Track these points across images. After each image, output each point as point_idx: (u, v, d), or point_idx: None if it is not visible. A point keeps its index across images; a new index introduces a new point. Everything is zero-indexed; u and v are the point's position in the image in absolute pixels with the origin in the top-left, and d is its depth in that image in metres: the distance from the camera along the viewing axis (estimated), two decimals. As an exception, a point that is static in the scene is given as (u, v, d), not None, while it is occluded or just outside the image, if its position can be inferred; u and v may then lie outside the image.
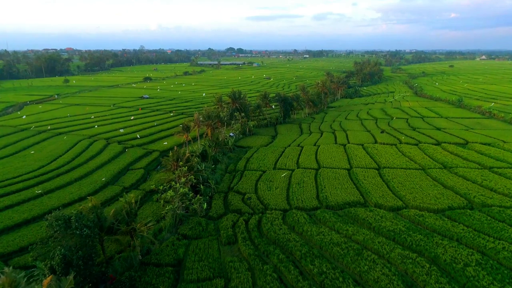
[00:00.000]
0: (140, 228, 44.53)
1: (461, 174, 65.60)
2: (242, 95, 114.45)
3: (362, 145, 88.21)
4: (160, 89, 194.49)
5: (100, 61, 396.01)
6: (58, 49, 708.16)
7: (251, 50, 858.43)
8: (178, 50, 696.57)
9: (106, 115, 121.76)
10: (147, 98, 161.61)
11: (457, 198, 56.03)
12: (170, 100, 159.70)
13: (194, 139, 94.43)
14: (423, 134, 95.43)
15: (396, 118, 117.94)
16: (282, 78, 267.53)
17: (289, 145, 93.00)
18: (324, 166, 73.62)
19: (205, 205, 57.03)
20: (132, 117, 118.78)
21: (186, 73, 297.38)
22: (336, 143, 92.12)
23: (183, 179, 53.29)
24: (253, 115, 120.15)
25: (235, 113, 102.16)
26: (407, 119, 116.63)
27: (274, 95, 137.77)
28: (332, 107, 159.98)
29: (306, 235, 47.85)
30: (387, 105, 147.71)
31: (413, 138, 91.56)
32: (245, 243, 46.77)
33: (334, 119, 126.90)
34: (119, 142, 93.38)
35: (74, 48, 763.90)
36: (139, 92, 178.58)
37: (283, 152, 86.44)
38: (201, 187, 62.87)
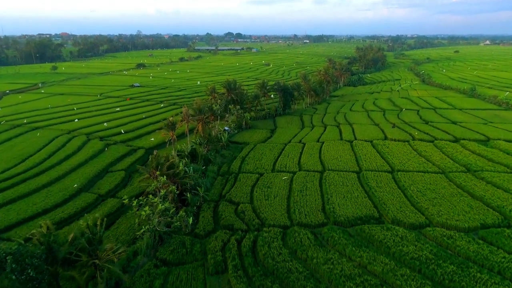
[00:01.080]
0: (106, 257, 35.75)
1: (489, 179, 56.65)
2: (237, 85, 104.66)
3: (371, 141, 79.11)
4: (153, 76, 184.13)
5: (94, 47, 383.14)
6: (53, 34, 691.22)
7: (250, 35, 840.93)
8: (175, 35, 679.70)
9: (90, 107, 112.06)
10: (138, 86, 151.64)
11: (490, 212, 47.22)
12: (162, 89, 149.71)
13: (184, 135, 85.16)
14: (438, 128, 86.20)
15: (405, 109, 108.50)
16: (282, 64, 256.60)
17: (290, 141, 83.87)
18: (330, 168, 64.65)
19: (190, 220, 48.21)
20: (117, 109, 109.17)
21: (182, 59, 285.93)
22: (341, 139, 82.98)
23: (162, 192, 44.39)
24: (250, 105, 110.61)
25: (230, 106, 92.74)
26: (418, 110, 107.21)
27: (273, 83, 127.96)
28: (335, 96, 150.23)
29: (311, 263, 39.14)
30: (394, 94, 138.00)
31: (428, 133, 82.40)
32: (237, 273, 38.09)
33: (338, 110, 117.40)
34: (101, 138, 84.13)
35: (70, 33, 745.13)
36: (130, 80, 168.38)
37: (283, 149, 77.41)
38: (188, 195, 54.00)
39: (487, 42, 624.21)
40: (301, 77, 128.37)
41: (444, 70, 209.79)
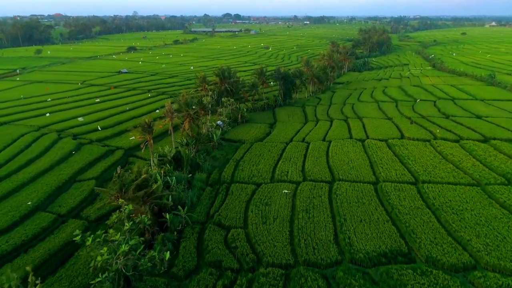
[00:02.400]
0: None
1: (539, 196, 46.04)
2: (232, 73, 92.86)
3: (386, 141, 68.19)
4: (143, 61, 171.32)
5: (86, 29, 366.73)
6: (46, 14, 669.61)
7: (249, 16, 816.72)
8: (172, 16, 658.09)
9: (67, 97, 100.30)
10: (125, 73, 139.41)
11: (552, 247, 36.72)
12: (151, 75, 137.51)
13: (167, 133, 73.94)
14: (461, 124, 75.10)
15: (420, 100, 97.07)
16: (282, 47, 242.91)
17: (291, 140, 72.90)
18: (340, 177, 53.92)
19: (167, 255, 37.56)
20: (97, 100, 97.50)
21: (176, 42, 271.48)
22: (351, 137, 72.00)
23: (127, 225, 33.71)
24: (247, 96, 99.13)
25: (223, 99, 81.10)
26: (435, 101, 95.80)
27: (272, 70, 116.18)
28: (339, 83, 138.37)
29: (325, 330, 28.78)
30: (405, 81, 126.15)
31: (450, 131, 71.37)
32: None
33: (344, 100, 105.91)
34: (74, 136, 73.05)
35: (63, 14, 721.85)
36: (118, 65, 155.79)
37: (283, 150, 66.57)
38: (167, 217, 43.40)
39: (493, 23, 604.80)
40: (303, 63, 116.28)
41: (454, 54, 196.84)
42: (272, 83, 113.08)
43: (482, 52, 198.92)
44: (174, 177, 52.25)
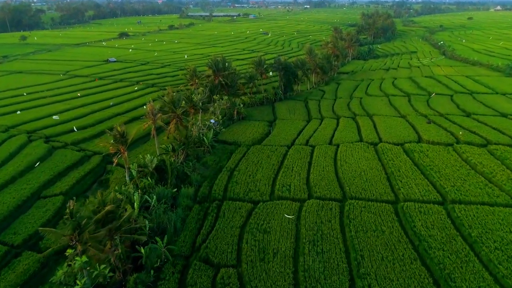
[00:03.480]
0: None
1: None
2: (228, 64, 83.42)
3: (402, 145, 59.59)
4: (134, 48, 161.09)
5: (78, 13, 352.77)
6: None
7: (248, 0, 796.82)
8: (169, 0, 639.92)
9: (45, 91, 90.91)
10: (114, 61, 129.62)
11: None
12: (142, 64, 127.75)
13: (149, 136, 65.11)
14: (486, 124, 66.38)
15: (435, 94, 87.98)
16: (281, 33, 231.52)
17: (293, 143, 64.29)
18: (353, 194, 45.53)
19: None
20: (78, 94, 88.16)
21: (171, 27, 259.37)
22: (361, 140, 63.39)
23: (79, 284, 25.34)
24: (244, 89, 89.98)
25: (215, 96, 71.94)
26: (451, 95, 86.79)
27: (272, 59, 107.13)
28: (344, 73, 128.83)
29: None
30: (415, 71, 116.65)
31: (475, 133, 62.66)
32: None
33: (350, 93, 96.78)
34: (47, 138, 64.30)
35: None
36: (107, 54, 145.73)
37: (284, 157, 58.08)
38: (142, 252, 35.14)
39: (498, 7, 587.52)
40: (305, 52, 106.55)
41: (463, 40, 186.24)
42: (271, 73, 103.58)
43: (492, 39, 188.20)
44: (155, 196, 43.85)
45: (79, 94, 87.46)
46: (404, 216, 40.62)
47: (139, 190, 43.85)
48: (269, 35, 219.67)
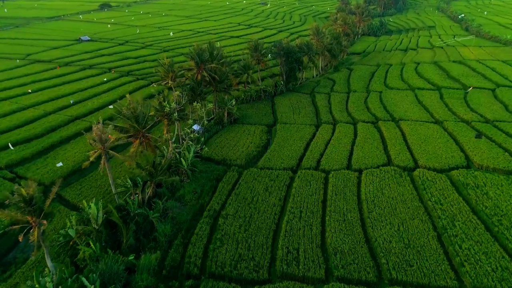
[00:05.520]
0: None
1: None
2: (217, 52, 66.20)
3: (447, 173, 44.20)
4: (114, 23, 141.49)
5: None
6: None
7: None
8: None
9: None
10: (87, 41, 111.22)
11: None
12: (120, 44, 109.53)
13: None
14: (552, 138, 50.66)
15: (472, 88, 71.41)
16: (282, 3, 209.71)
17: (300, 164, 48.80)
18: (393, 275, 30.42)
19: None
20: (29, 90, 71.08)
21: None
22: (390, 162, 48.00)
23: None
24: (238, 81, 73.30)
25: (194, 103, 54.93)
26: (493, 90, 70.46)
27: (271, 42, 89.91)
28: (354, 54, 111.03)
29: None
30: (439, 54, 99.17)
31: (543, 153, 47.04)
32: None
33: (366, 84, 80.00)
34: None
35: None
36: (81, 30, 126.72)
37: (288, 190, 42.88)
38: None
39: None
40: (312, 33, 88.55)
41: (485, 13, 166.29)
42: (269, 55, 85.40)
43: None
44: (98, 278, 28.85)
45: (29, 91, 70.31)
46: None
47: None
48: (268, 5, 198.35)
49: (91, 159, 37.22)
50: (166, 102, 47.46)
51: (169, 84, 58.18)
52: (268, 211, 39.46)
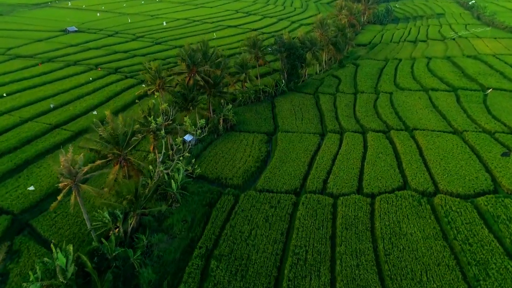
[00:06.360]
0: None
1: None
2: (212, 51, 59.73)
3: (473, 200, 38.74)
4: (104, 11, 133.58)
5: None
6: None
7: None
8: None
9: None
10: (74, 32, 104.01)
11: None
12: (108, 36, 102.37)
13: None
14: None
15: (492, 90, 65.25)
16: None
17: (304, 184, 43.26)
18: None
19: None
20: (4, 94, 64.57)
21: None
22: (406, 184, 42.37)
23: None
24: (234, 82, 67.15)
25: (185, 118, 48.57)
26: (514, 92, 64.41)
27: (270, 34, 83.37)
28: (360, 46, 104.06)
29: None
30: (452, 47, 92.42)
31: None
32: None
33: (374, 83, 73.74)
34: None
35: None
36: (68, 19, 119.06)
37: (291, 220, 37.44)
38: None
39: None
40: (316, 25, 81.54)
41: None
42: (270, 48, 78.26)
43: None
44: None
45: (4, 95, 63.88)
46: None
47: None
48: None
49: (59, 198, 31.42)
50: (151, 117, 41.36)
51: (156, 96, 51.82)
52: (268, 250, 34.10)
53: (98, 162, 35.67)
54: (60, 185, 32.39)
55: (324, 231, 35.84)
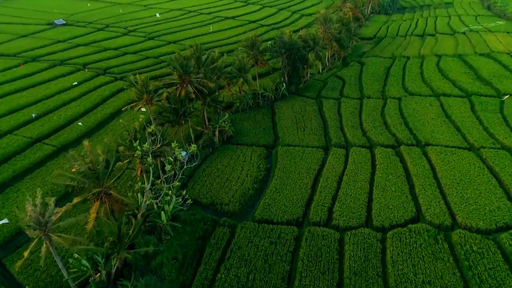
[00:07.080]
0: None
1: None
2: (206, 57, 54.76)
3: (495, 237, 34.83)
4: (96, 0, 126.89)
5: None
6: None
7: None
8: None
9: None
10: (62, 25, 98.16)
11: None
12: (98, 30, 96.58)
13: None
14: None
15: (508, 95, 60.58)
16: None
17: (307, 213, 39.24)
18: None
19: None
20: (-19, 103, 60.04)
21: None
22: (419, 216, 38.37)
23: None
24: (230, 87, 62.40)
25: (173, 144, 44.14)
26: (534, 100, 59.72)
27: (269, 27, 78.17)
28: (364, 40, 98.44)
29: None
30: (463, 43, 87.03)
31: None
32: None
33: (381, 86, 68.94)
34: None
35: None
36: (56, 10, 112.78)
37: (293, 258, 33.72)
38: None
39: None
40: (319, 21, 76.01)
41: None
42: (269, 43, 72.66)
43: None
44: None
45: (-18, 104, 59.32)
46: None
47: None
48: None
49: (25, 255, 27.34)
50: (137, 142, 36.91)
51: (143, 110, 47.18)
52: (268, 303, 30.31)
53: (75, 200, 31.39)
54: (29, 232, 28.29)
55: (330, 277, 32.00)
